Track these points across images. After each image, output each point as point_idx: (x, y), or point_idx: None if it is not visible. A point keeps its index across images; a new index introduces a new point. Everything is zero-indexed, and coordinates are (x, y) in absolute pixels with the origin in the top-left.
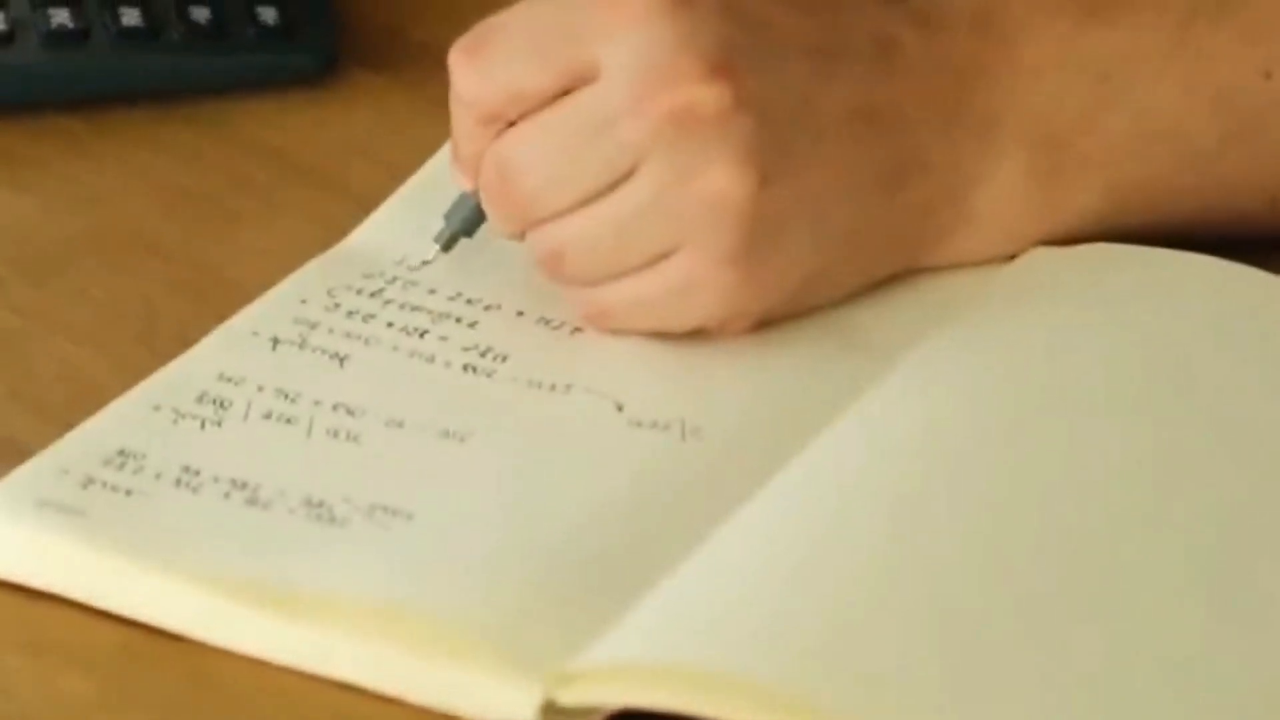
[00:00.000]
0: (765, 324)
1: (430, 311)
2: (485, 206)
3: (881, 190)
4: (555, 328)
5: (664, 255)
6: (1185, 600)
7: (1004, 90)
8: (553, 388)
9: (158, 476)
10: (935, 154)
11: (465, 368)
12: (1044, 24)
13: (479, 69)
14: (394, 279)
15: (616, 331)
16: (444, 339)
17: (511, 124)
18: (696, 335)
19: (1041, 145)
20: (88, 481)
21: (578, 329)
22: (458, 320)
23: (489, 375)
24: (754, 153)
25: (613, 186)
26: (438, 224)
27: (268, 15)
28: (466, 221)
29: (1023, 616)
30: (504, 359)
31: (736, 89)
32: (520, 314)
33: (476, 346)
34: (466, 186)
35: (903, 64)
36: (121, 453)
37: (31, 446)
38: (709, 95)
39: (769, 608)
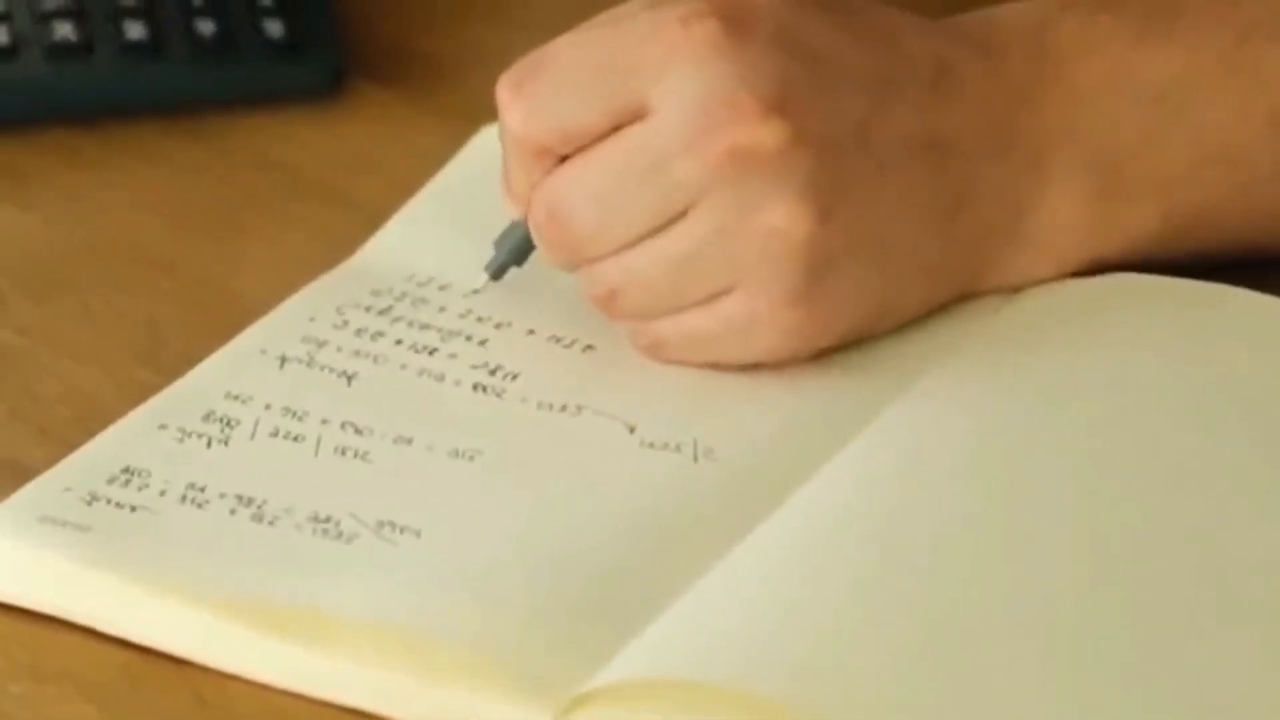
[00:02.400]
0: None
1: (440, 329)
2: (537, 243)
3: (940, 219)
4: (566, 346)
5: (721, 293)
6: (1192, 635)
7: (1058, 114)
8: (564, 408)
9: (163, 493)
10: (991, 180)
11: (475, 386)
12: (1098, 45)
13: (528, 104)
14: (403, 295)
15: (671, 363)
16: (453, 357)
17: (563, 159)
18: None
19: (1096, 169)
20: (92, 498)
21: (589, 347)
22: (468, 338)
23: (499, 394)
24: (812, 190)
25: (667, 225)
26: (447, 238)
27: (273, 29)
28: (517, 250)
29: (1021, 636)
30: (514, 377)
31: (795, 126)
32: (531, 332)
33: (486, 365)
34: (518, 216)
35: (959, 91)
36: (126, 470)
37: (33, 467)
38: (767, 134)
39: (776, 627)
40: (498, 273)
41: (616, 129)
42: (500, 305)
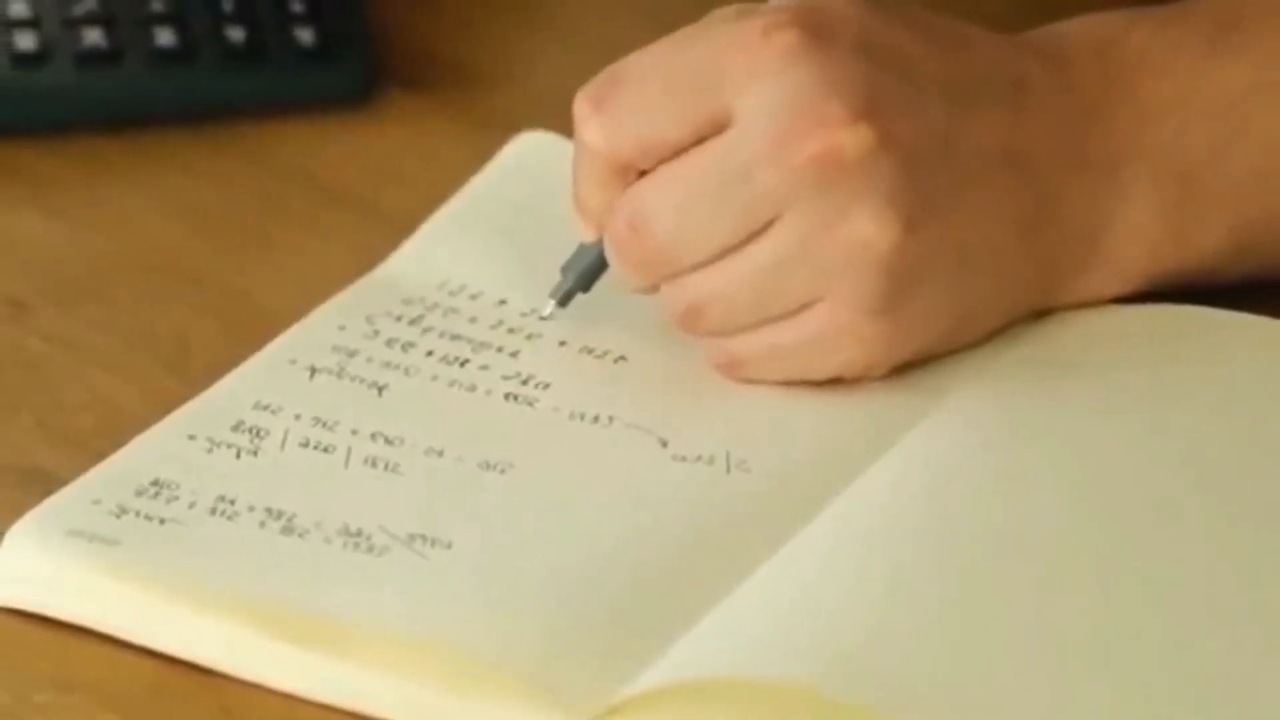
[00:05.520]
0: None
1: (471, 340)
2: (614, 260)
3: (1019, 233)
4: (598, 357)
5: (805, 306)
6: (1215, 633)
7: (1129, 129)
8: (595, 419)
9: (192, 506)
10: (1068, 195)
11: (507, 397)
12: (1166, 58)
13: (608, 118)
14: (434, 305)
15: (750, 381)
16: (485, 368)
17: (642, 173)
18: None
19: (1169, 183)
20: (121, 511)
21: (621, 358)
22: (499, 349)
23: (531, 404)
24: (898, 197)
25: (751, 237)
26: (478, 248)
27: (304, 36)
28: (585, 275)
29: (1045, 633)
30: (546, 387)
31: (880, 132)
32: (562, 343)
33: (518, 375)
34: (589, 237)
35: (1034, 104)
36: (155, 482)
37: (59, 476)
38: (852, 139)
39: (810, 629)
40: (565, 299)
41: (699, 141)
42: (531, 316)
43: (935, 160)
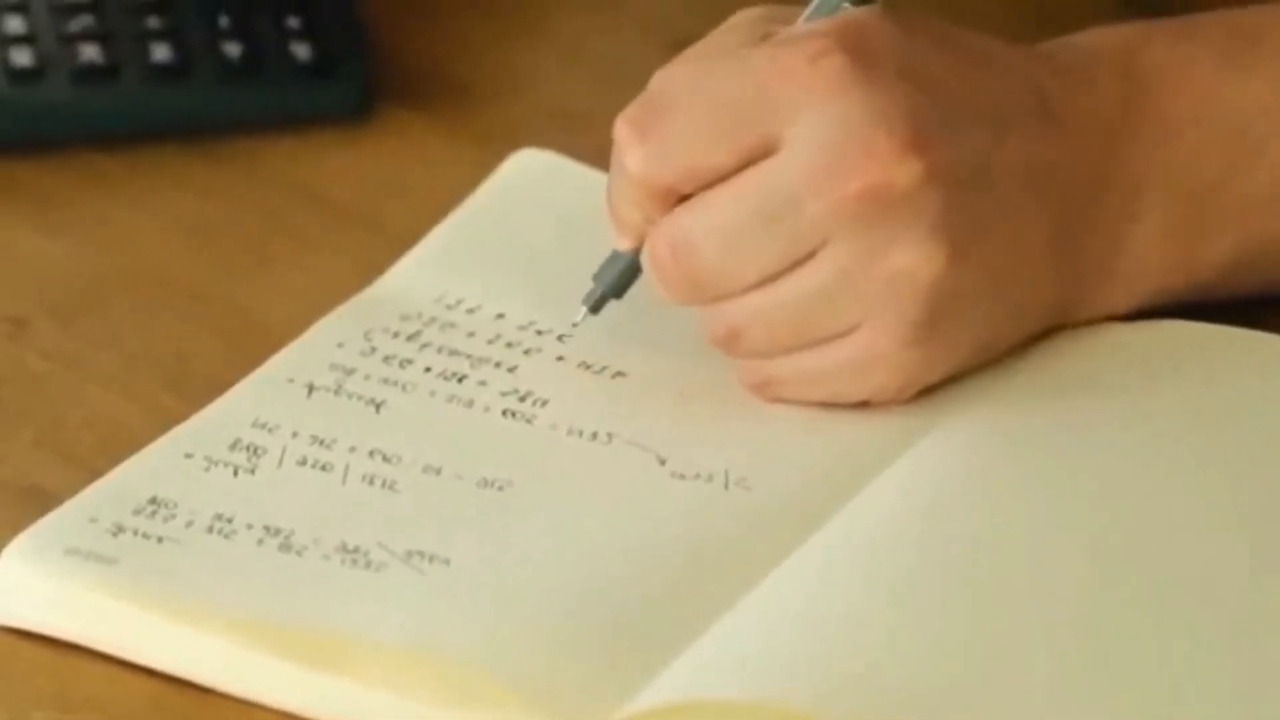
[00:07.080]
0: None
1: (469, 355)
2: (656, 282)
3: (1049, 254)
4: (596, 372)
5: (844, 332)
6: (1240, 677)
7: (1146, 146)
8: (594, 436)
9: (189, 524)
10: (1090, 214)
11: (505, 413)
12: (1183, 74)
13: (652, 145)
14: (431, 320)
15: (780, 402)
16: (483, 384)
17: (683, 197)
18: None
19: (1182, 200)
20: (118, 530)
21: (619, 373)
22: (497, 364)
23: (529, 420)
24: (944, 227)
25: (795, 264)
26: (476, 263)
27: (301, 51)
28: (617, 283)
29: (1046, 652)
30: (544, 403)
31: (928, 163)
32: (560, 358)
33: (516, 391)
34: (625, 249)
35: (1060, 121)
36: (153, 501)
37: (58, 494)
38: (902, 173)
39: (815, 648)
40: (596, 306)
41: (743, 168)
42: (529, 331)
43: (975, 188)
